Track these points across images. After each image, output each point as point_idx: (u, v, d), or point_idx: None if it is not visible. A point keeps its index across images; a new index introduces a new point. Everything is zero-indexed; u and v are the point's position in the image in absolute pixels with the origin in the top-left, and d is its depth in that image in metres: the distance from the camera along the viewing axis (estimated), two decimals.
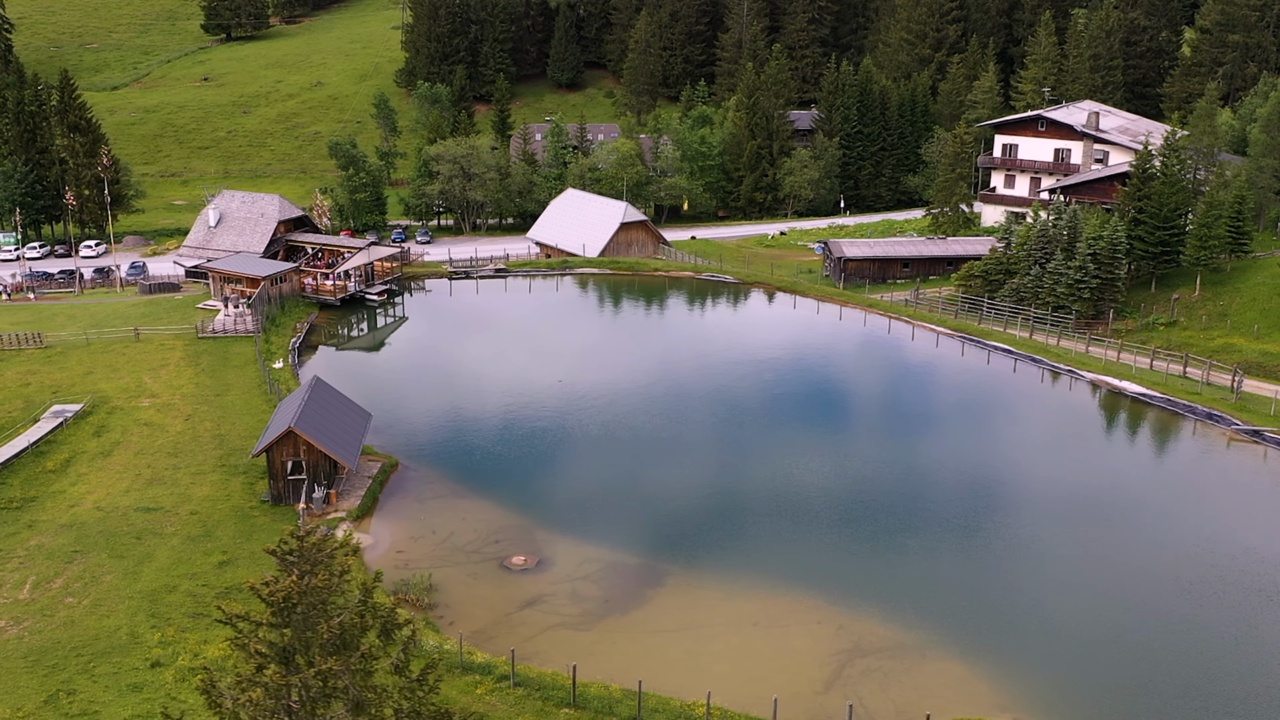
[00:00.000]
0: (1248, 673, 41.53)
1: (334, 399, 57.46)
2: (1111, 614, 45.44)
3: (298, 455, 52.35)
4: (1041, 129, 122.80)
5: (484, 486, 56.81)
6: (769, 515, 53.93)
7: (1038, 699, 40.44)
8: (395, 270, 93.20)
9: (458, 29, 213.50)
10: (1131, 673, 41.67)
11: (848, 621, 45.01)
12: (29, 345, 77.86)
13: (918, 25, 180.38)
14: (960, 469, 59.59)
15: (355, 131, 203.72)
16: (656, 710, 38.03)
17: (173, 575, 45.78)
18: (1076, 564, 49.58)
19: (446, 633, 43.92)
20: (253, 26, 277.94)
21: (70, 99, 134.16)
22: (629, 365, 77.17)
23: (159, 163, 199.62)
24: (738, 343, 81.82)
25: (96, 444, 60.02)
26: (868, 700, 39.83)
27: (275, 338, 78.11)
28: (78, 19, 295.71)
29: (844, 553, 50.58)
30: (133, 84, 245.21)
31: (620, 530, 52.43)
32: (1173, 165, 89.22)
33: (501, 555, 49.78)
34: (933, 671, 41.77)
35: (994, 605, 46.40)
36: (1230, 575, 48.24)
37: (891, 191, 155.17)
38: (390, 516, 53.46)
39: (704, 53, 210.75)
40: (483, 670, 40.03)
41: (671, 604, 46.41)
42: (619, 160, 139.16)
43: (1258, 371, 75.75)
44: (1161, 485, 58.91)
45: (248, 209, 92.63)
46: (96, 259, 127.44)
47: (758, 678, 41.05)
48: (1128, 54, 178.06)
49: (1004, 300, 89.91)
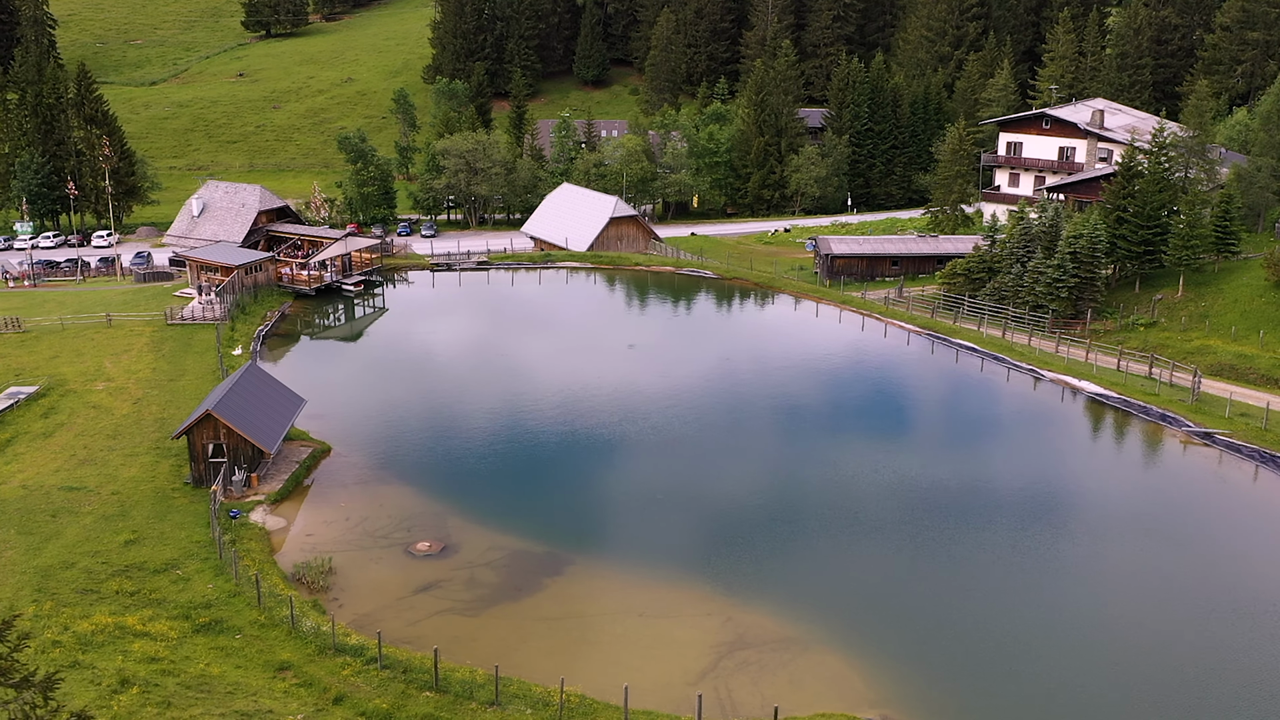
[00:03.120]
0: (1135, 667, 40.64)
1: (266, 384, 58.13)
2: (1010, 615, 44.63)
3: (218, 438, 53.03)
4: (1046, 127, 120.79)
5: (409, 474, 57.17)
6: (683, 509, 53.70)
7: (914, 697, 39.81)
8: (375, 262, 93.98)
9: (483, 26, 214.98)
10: (1013, 670, 40.97)
11: (738, 614, 44.66)
12: (7, 330, 79.66)
13: (937, 22, 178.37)
14: (893, 468, 58.78)
15: (380, 126, 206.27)
16: (517, 695, 38.05)
17: (75, 552, 46.57)
18: (987, 565, 48.76)
19: (335, 615, 44.28)
20: (291, 23, 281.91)
21: (87, 91, 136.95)
22: (582, 359, 77.16)
23: (188, 156, 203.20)
24: (702, 338, 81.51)
25: (41, 425, 61.26)
26: (737, 692, 39.53)
27: (242, 326, 79.19)
28: (125, 15, 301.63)
29: (751, 548, 50.11)
30: (170, 79, 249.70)
31: (534, 519, 52.52)
32: (1157, 162, 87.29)
33: (409, 541, 50.08)
34: (810, 666, 41.33)
35: (891, 604, 45.70)
36: (1133, 571, 47.23)
37: (903, 190, 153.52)
38: (309, 501, 54.00)
39: (728, 50, 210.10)
40: (354, 652, 40.27)
41: (565, 592, 46.38)
42: (624, 156, 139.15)
43: (1229, 374, 73.95)
44: (1094, 484, 57.49)
45: (230, 199, 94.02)
46: (107, 249, 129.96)
47: (632, 667, 40.85)
48: (1158, 53, 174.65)
49: (985, 299, 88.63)
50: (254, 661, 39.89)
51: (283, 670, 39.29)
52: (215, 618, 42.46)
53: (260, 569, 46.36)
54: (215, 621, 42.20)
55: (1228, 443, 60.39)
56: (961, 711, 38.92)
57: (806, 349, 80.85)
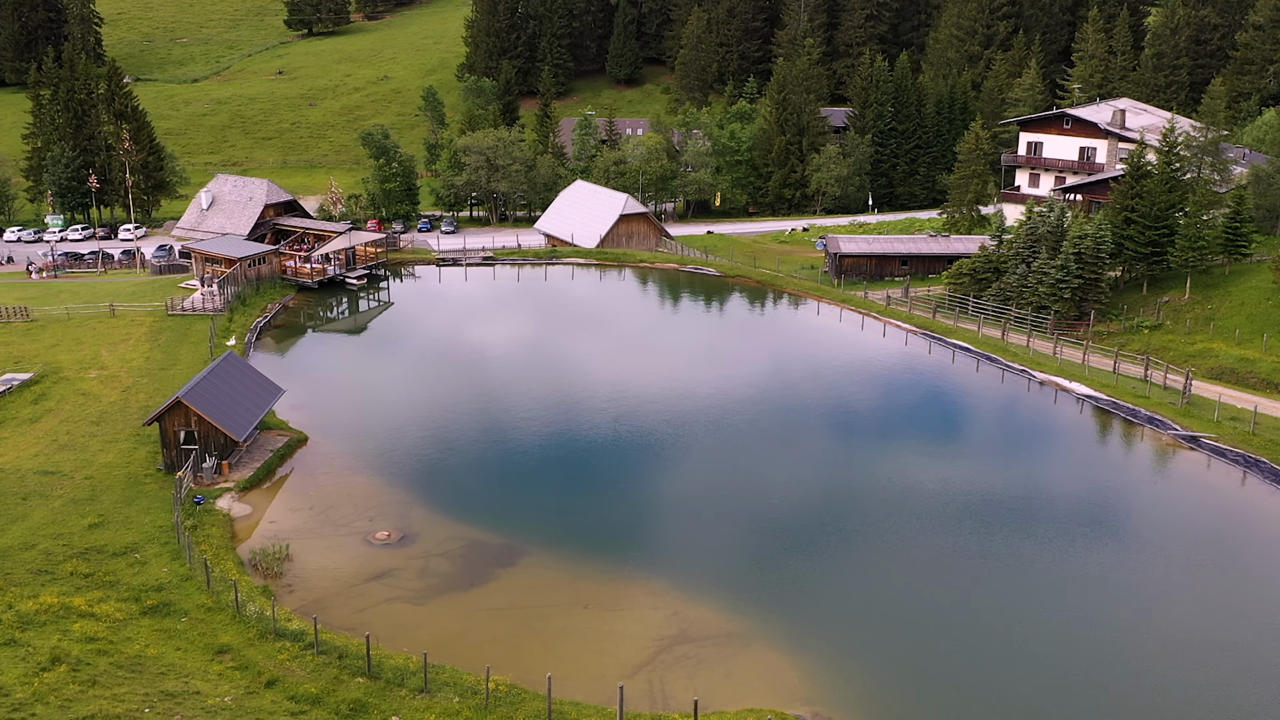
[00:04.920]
0: (1077, 667, 40.01)
1: (243, 374, 58.90)
2: (965, 619, 44.08)
3: (189, 425, 53.82)
4: (1067, 127, 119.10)
5: (381, 465, 57.62)
6: (647, 502, 53.80)
7: (850, 696, 39.44)
8: (379, 256, 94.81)
9: (516, 24, 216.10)
10: (955, 673, 40.52)
11: (684, 608, 44.56)
12: (16, 319, 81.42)
13: (967, 21, 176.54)
14: (868, 469, 58.33)
15: (412, 124, 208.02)
16: (447, 683, 38.27)
17: (38, 534, 47.52)
18: (947, 568, 48.04)
19: (285, 601, 44.84)
20: (333, 22, 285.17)
21: (117, 87, 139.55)
22: (570, 353, 77.32)
23: (223, 152, 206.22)
24: (688, 334, 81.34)
25: (30, 411, 62.57)
26: (670, 686, 39.45)
27: (240, 317, 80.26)
28: (172, 14, 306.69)
29: (704, 542, 49.94)
30: (212, 77, 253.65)
31: (497, 512, 52.79)
32: (1167, 162, 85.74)
33: (371, 530, 50.51)
34: (749, 662, 41.13)
35: (840, 603, 45.28)
36: (1090, 574, 46.48)
37: (926, 190, 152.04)
38: (277, 489, 54.69)
39: (760, 49, 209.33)
40: (294, 637, 40.71)
41: (515, 583, 46.54)
42: (645, 154, 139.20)
43: (1229, 378, 72.48)
44: (1067, 486, 56.44)
45: (238, 193, 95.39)
46: (133, 242, 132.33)
47: (568, 659, 40.97)
48: (1196, 53, 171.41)
49: (990, 299, 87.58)
50: (195, 644, 40.46)
51: (221, 653, 39.82)
52: (164, 600, 43.13)
53: (216, 554, 47.04)
54: (164, 604, 42.87)
55: (1212, 446, 59.19)
56: (896, 711, 38.56)
57: (795, 347, 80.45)
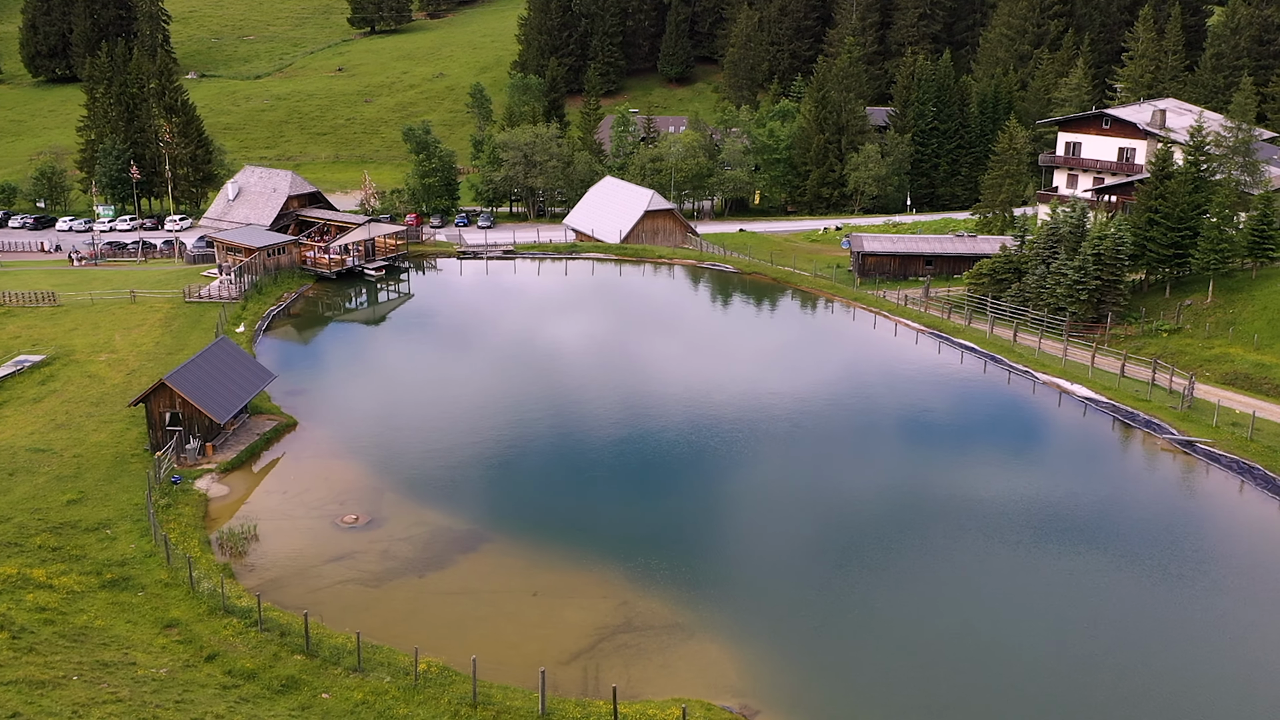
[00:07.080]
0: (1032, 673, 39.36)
1: (234, 358, 60.13)
2: (923, 619, 43.54)
3: (174, 407, 55.10)
4: (1106, 127, 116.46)
5: (363, 451, 58.45)
6: (614, 494, 53.97)
7: (784, 691, 39.28)
8: (400, 248, 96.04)
9: (568, 22, 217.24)
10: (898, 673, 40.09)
11: (634, 599, 44.64)
12: (44, 304, 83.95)
13: (1018, 20, 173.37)
14: (847, 465, 57.83)
15: (463, 121, 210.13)
16: (381, 663, 38.80)
17: (16, 509, 49.02)
18: (912, 569, 47.43)
19: (244, 579, 45.80)
20: (395, 20, 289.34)
21: (168, 81, 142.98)
22: (575, 345, 77.67)
23: (279, 147, 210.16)
24: (699, 326, 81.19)
25: (35, 391, 64.55)
26: (604, 674, 39.56)
27: (254, 305, 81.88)
28: (241, 12, 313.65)
29: (664, 535, 49.87)
30: (275, 74, 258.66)
31: (467, 499, 53.26)
32: (1190, 162, 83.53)
33: (340, 514, 51.29)
34: (688, 653, 41.08)
35: (791, 599, 44.99)
36: (1058, 579, 45.61)
37: (968, 190, 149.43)
38: (257, 472, 55.77)
39: (811, 48, 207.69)
40: (242, 614, 41.52)
41: (471, 569, 46.98)
42: (681, 151, 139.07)
43: (1243, 383, 70.41)
44: (1053, 490, 55.35)
45: (263, 184, 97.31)
46: (179, 232, 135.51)
47: (508, 644, 41.33)
48: (1259, 54, 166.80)
49: (1009, 300, 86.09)
50: (146, 618, 41.49)
51: (169, 627, 40.79)
52: (124, 575, 44.28)
53: (184, 532, 48.15)
54: (123, 579, 44.02)
55: (1208, 452, 57.68)
56: (827, 708, 38.25)
57: (798, 344, 79.91)
